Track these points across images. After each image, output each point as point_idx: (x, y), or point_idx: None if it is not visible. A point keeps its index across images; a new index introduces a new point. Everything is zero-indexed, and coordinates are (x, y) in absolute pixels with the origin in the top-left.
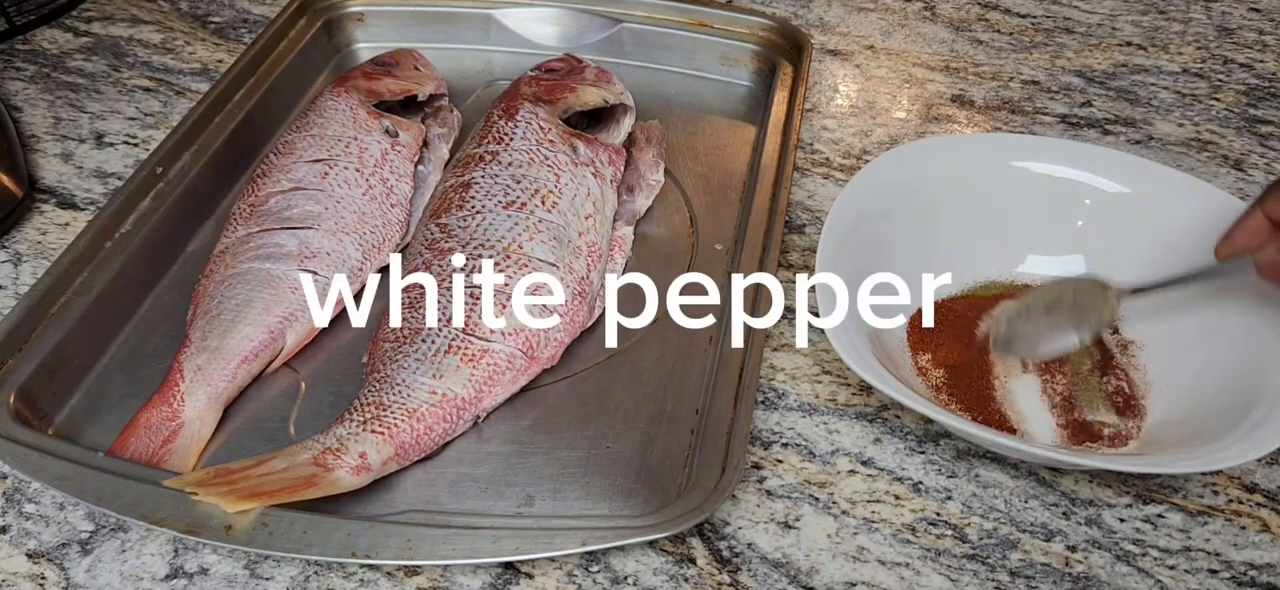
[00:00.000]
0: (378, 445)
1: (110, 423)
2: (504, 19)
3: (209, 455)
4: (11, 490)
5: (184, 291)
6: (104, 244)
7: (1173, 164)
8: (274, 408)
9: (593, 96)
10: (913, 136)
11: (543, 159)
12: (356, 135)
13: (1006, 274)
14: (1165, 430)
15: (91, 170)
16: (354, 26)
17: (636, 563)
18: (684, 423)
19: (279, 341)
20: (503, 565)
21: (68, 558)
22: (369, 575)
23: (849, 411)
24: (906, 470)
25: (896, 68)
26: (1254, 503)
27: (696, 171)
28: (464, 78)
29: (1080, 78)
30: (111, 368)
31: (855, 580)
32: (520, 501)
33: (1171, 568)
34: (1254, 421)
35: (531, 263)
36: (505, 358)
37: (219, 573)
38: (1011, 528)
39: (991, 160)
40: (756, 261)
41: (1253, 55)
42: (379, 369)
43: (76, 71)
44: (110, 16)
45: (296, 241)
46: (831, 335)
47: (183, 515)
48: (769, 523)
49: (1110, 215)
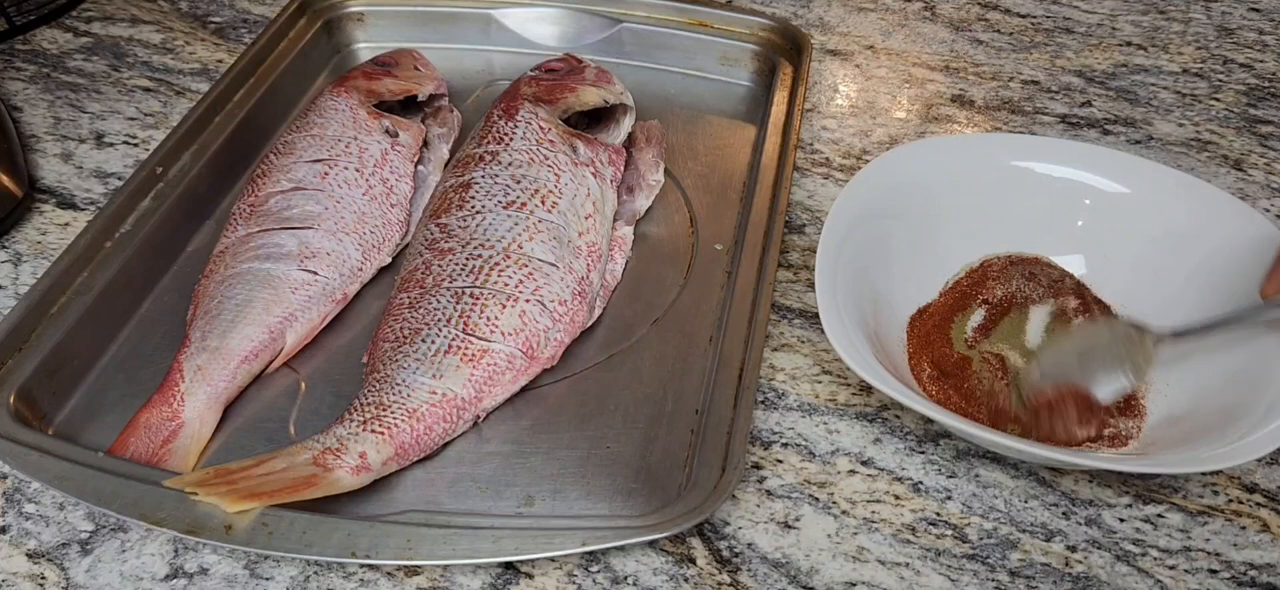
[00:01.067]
0: (378, 445)
1: (110, 423)
2: (504, 19)
3: (209, 455)
4: (11, 490)
5: (184, 291)
6: (104, 244)
7: (1173, 164)
8: (274, 408)
9: (593, 96)
10: (913, 136)
11: (543, 159)
12: (356, 135)
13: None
14: (1165, 430)
15: (91, 170)
16: (354, 26)
17: (636, 563)
18: (684, 423)
19: (279, 341)
20: (503, 565)
21: (68, 558)
22: (369, 575)
23: (849, 411)
24: (906, 470)
25: (896, 68)
26: (1254, 503)
27: (696, 171)
28: (464, 78)
29: (1080, 78)
30: (111, 368)
31: (855, 580)
32: (520, 501)
33: (1171, 568)
34: (1254, 421)
35: (531, 263)
36: (505, 358)
37: (219, 573)
38: (1011, 528)
39: (991, 160)
40: (756, 261)
41: (1253, 55)
42: (379, 369)
43: (76, 71)
44: (110, 16)
45: (296, 241)
46: (831, 335)
47: (183, 515)
48: (769, 523)
49: (1110, 215)
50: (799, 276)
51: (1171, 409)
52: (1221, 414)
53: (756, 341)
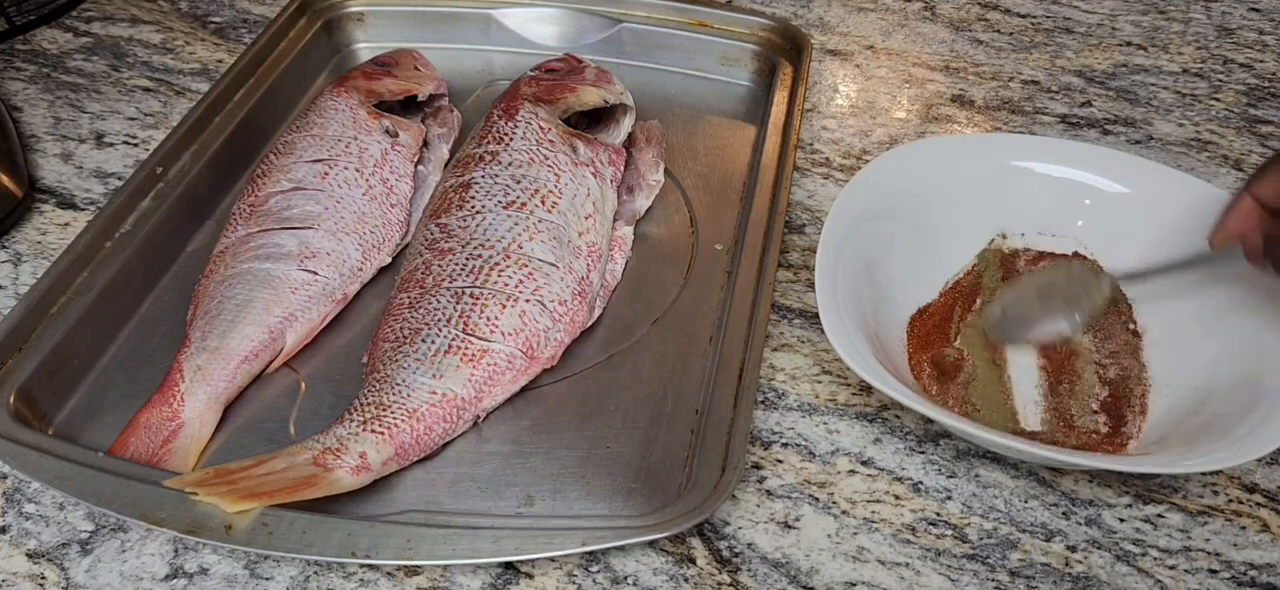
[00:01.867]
0: (378, 445)
1: (110, 423)
2: (504, 19)
3: (209, 455)
4: (11, 490)
5: (184, 291)
6: (104, 244)
7: (1173, 164)
8: (274, 408)
9: (593, 96)
10: (913, 136)
11: (543, 159)
12: (356, 135)
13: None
14: (1165, 430)
15: (91, 170)
16: (354, 26)
17: (636, 563)
18: (684, 423)
19: (279, 341)
20: (503, 565)
21: (68, 558)
22: (369, 575)
23: (849, 411)
24: (906, 470)
25: (896, 68)
26: (1254, 503)
27: (696, 171)
28: (464, 78)
29: (1080, 78)
30: (111, 368)
31: (855, 580)
32: (520, 501)
33: (1171, 568)
34: (1254, 421)
35: (531, 263)
36: (505, 358)
37: (219, 573)
38: (1011, 528)
39: (991, 160)
40: (756, 261)
41: (1253, 55)
42: (379, 369)
43: (76, 71)
44: (110, 16)
45: (296, 241)
46: (831, 335)
47: (183, 515)
48: (769, 523)
49: (1110, 215)
50: (799, 276)
51: (1172, 409)
52: (1221, 414)
53: (756, 341)
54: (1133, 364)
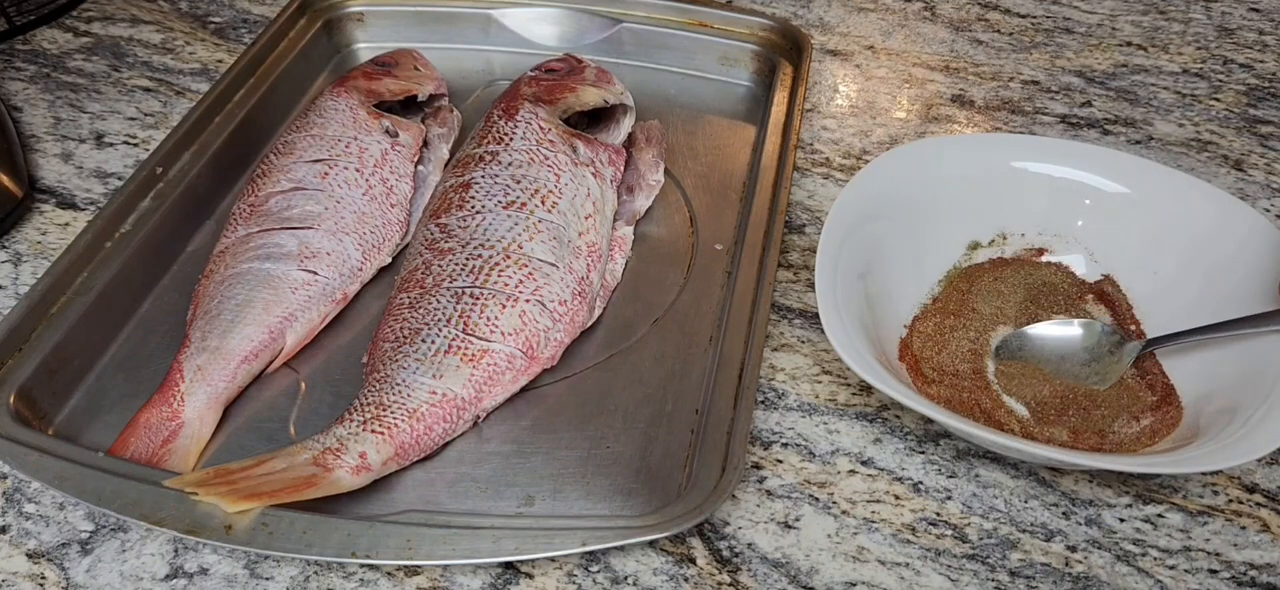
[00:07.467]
0: (378, 445)
1: (110, 423)
2: (504, 19)
3: (209, 455)
4: (11, 490)
5: (184, 291)
6: (104, 244)
7: (1173, 164)
8: (274, 408)
9: (593, 96)
10: (913, 136)
11: (543, 159)
12: (356, 135)
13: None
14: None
15: (91, 170)
16: (354, 26)
17: (636, 563)
18: (684, 423)
19: (279, 341)
20: (503, 565)
21: (68, 558)
22: (369, 575)
23: (849, 411)
24: (906, 470)
25: (896, 68)
26: (1254, 503)
27: (696, 171)
28: (464, 78)
29: (1080, 78)
30: (111, 368)
31: (855, 580)
32: (520, 501)
33: (1171, 568)
34: (1254, 421)
35: (531, 263)
36: (505, 358)
37: (219, 573)
38: (1011, 528)
39: (991, 160)
40: (756, 261)
41: (1253, 55)
42: (379, 369)
43: (76, 71)
44: (110, 16)
45: (296, 241)
46: (831, 335)
47: (183, 515)
48: (769, 523)
49: (1110, 215)
50: (799, 276)
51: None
52: (1221, 414)
53: (756, 341)
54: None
